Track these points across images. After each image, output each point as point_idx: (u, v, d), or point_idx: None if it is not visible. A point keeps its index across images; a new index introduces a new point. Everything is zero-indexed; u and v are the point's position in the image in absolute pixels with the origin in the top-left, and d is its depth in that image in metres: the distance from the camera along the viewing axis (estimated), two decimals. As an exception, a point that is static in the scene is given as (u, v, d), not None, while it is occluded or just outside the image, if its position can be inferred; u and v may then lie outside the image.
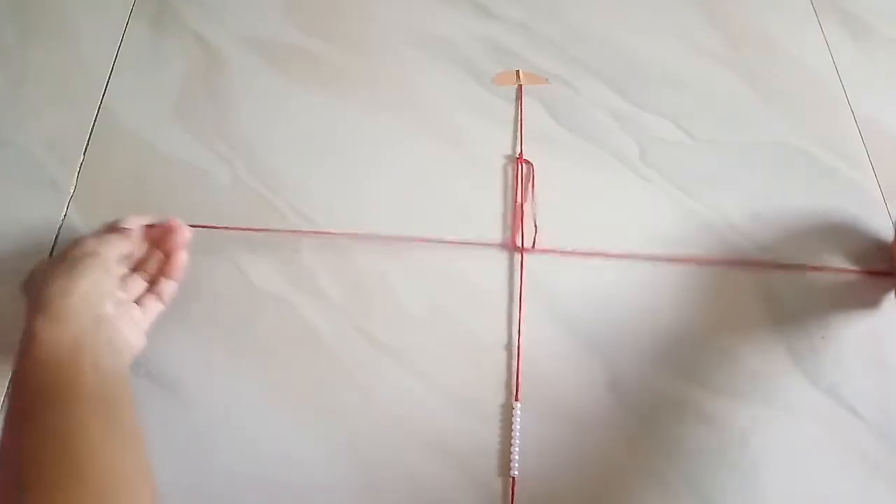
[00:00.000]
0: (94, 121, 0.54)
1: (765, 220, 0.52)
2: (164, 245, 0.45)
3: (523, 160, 0.53)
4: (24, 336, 0.37)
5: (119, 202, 0.46)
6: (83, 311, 0.38)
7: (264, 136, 0.54)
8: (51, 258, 0.41)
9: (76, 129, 0.53)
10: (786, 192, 0.53)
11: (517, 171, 0.52)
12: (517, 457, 0.42)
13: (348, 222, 0.50)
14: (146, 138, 0.53)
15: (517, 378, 0.44)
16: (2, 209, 0.49)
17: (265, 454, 0.42)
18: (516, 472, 0.42)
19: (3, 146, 0.52)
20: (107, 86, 0.55)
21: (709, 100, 0.58)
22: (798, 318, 0.48)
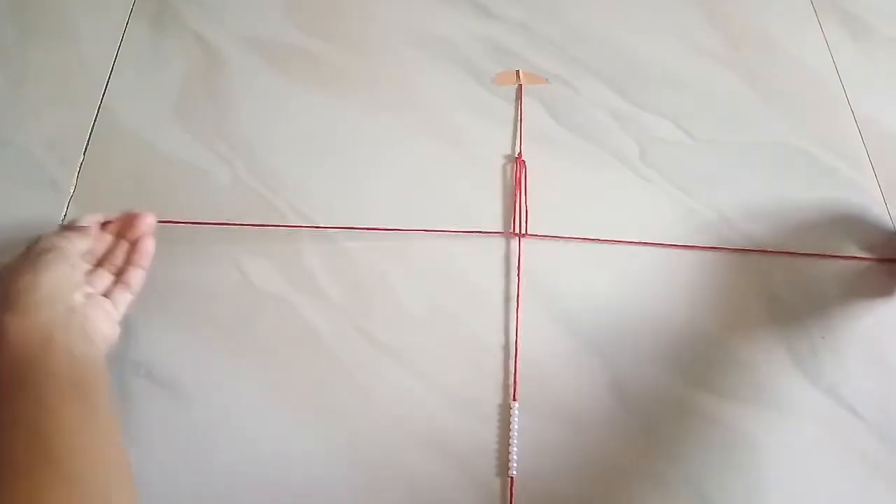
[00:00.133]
0: (94, 121, 0.54)
1: (765, 219, 0.52)
2: (130, 235, 0.45)
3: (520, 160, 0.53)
4: None
5: (119, 202, 0.46)
6: (52, 302, 0.37)
7: (264, 136, 0.54)
8: (12, 258, 0.40)
9: (76, 129, 0.53)
10: (786, 192, 0.53)
11: (517, 171, 0.52)
12: (515, 457, 0.42)
13: (348, 222, 0.50)
14: (146, 138, 0.53)
15: (514, 378, 0.44)
16: (2, 209, 0.49)
17: (265, 454, 0.42)
18: (515, 472, 0.42)
19: (3, 146, 0.52)
20: (107, 86, 0.55)
21: (709, 100, 0.58)
22: (798, 317, 0.48)
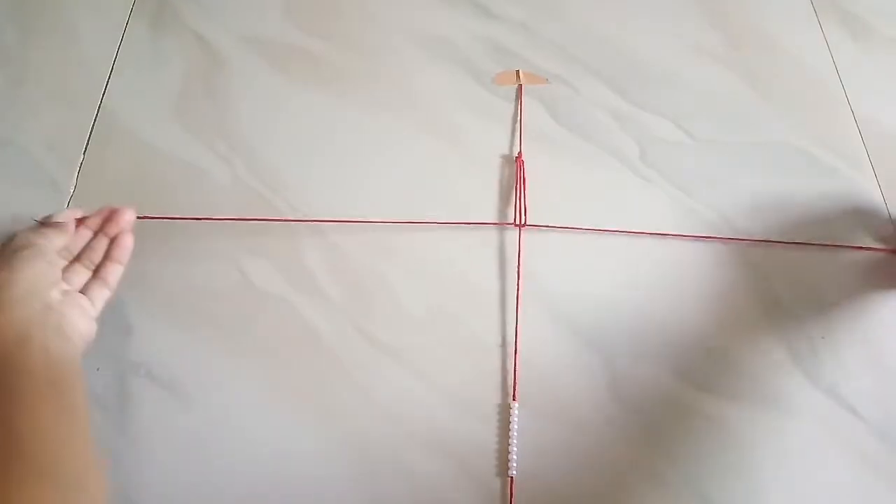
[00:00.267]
0: (94, 121, 0.54)
1: (765, 219, 0.52)
2: (109, 230, 0.45)
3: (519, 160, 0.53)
4: None
5: (119, 202, 0.46)
6: (29, 300, 0.37)
7: (264, 135, 0.54)
8: None
9: (76, 129, 0.53)
10: (786, 192, 0.53)
11: (517, 169, 0.52)
12: (515, 457, 0.42)
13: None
14: (146, 138, 0.53)
15: (514, 378, 0.44)
16: (2, 209, 0.49)
17: (265, 454, 0.42)
18: (514, 472, 0.42)
19: (3, 146, 0.52)
20: (107, 86, 0.55)
21: (709, 100, 0.58)
22: (798, 317, 0.48)
